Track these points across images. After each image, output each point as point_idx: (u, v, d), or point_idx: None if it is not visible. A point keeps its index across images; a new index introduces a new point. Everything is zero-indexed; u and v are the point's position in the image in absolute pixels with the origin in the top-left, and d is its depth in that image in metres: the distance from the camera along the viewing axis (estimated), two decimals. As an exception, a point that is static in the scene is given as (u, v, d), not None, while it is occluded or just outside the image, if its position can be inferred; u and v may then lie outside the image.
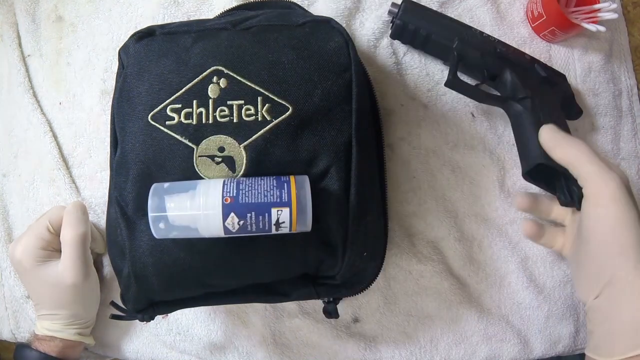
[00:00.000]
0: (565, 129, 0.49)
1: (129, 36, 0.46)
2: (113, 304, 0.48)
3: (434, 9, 0.55)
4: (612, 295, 0.41)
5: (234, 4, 0.57)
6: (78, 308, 0.52)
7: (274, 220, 0.36)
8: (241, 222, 0.36)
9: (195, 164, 0.40)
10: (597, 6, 0.54)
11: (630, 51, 0.60)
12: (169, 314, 0.57)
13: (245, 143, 0.40)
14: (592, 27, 0.52)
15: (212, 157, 0.40)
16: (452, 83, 0.51)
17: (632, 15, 0.60)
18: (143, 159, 0.41)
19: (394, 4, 0.54)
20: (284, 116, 0.40)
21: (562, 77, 0.55)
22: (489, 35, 0.53)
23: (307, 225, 0.38)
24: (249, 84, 0.41)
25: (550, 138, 0.47)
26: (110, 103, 0.46)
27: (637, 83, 0.60)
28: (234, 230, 0.37)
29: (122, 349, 0.58)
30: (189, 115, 0.40)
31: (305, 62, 0.41)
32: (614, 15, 0.53)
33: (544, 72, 0.53)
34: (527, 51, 0.57)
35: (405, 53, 0.57)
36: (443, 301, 0.56)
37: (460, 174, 0.56)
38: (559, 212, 0.52)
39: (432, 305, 0.56)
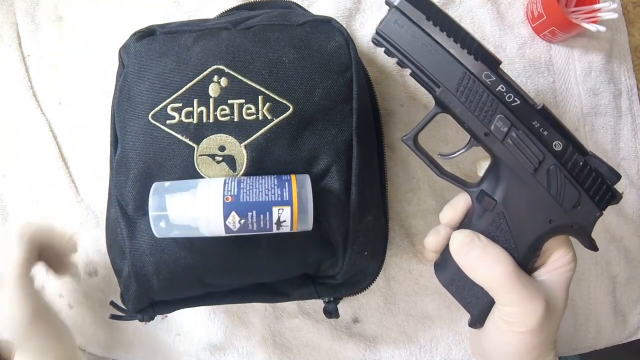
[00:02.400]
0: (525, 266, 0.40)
1: (129, 36, 0.46)
2: (113, 304, 0.47)
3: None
4: None
5: (235, 3, 0.57)
6: (42, 346, 0.46)
7: (275, 219, 0.36)
8: (242, 221, 0.36)
9: (195, 163, 0.40)
10: (597, 6, 0.54)
11: (630, 51, 0.60)
12: (168, 314, 0.57)
13: (246, 142, 0.40)
14: (592, 27, 0.52)
15: (212, 156, 0.40)
16: (411, 141, 0.41)
17: (632, 15, 0.61)
18: (143, 158, 0.41)
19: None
20: (284, 115, 0.40)
21: (591, 207, 0.37)
22: (505, 91, 0.37)
23: (308, 225, 0.38)
24: (249, 83, 0.41)
25: (459, 249, 0.40)
26: (110, 103, 0.46)
27: (637, 83, 0.60)
28: (235, 229, 0.37)
29: (122, 350, 0.58)
30: (189, 114, 0.40)
31: (305, 62, 0.41)
32: (614, 15, 0.53)
33: (554, 189, 0.37)
34: (527, 51, 0.57)
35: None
36: (443, 301, 0.56)
37: (459, 174, 0.56)
38: None
39: (432, 305, 0.56)
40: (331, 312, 0.48)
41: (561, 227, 0.38)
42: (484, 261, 0.39)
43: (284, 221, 0.37)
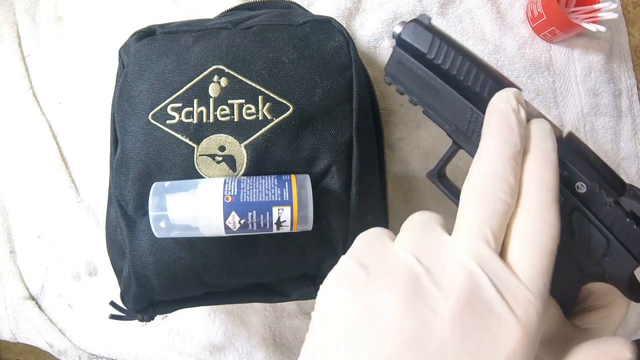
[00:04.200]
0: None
1: (129, 36, 0.46)
2: (113, 304, 0.47)
3: (437, 16, 0.37)
4: None
5: (235, 3, 0.57)
6: None
7: (275, 219, 0.36)
8: (242, 221, 0.36)
9: (195, 163, 0.40)
10: (597, 6, 0.54)
11: (630, 51, 0.60)
12: (168, 314, 0.57)
13: (246, 142, 0.40)
14: (592, 27, 0.52)
15: (212, 156, 0.40)
16: (435, 177, 0.38)
17: (632, 15, 0.61)
18: (143, 158, 0.41)
19: (402, 23, 0.34)
20: (284, 115, 0.40)
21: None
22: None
23: (308, 225, 0.38)
24: (249, 83, 0.41)
25: None
26: (110, 103, 0.46)
27: (637, 83, 0.60)
28: (235, 229, 0.37)
29: (121, 350, 0.58)
30: (189, 114, 0.40)
31: (305, 61, 0.41)
32: (614, 15, 0.53)
33: (579, 236, 0.32)
34: (527, 51, 0.57)
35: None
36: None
37: (459, 174, 0.56)
38: None
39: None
40: (331, 312, 0.48)
41: (593, 276, 0.33)
42: None
43: (284, 221, 0.37)
